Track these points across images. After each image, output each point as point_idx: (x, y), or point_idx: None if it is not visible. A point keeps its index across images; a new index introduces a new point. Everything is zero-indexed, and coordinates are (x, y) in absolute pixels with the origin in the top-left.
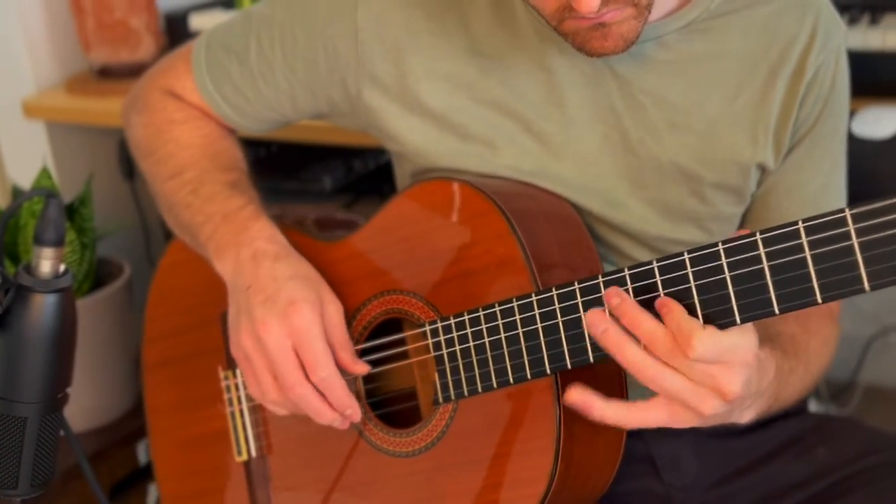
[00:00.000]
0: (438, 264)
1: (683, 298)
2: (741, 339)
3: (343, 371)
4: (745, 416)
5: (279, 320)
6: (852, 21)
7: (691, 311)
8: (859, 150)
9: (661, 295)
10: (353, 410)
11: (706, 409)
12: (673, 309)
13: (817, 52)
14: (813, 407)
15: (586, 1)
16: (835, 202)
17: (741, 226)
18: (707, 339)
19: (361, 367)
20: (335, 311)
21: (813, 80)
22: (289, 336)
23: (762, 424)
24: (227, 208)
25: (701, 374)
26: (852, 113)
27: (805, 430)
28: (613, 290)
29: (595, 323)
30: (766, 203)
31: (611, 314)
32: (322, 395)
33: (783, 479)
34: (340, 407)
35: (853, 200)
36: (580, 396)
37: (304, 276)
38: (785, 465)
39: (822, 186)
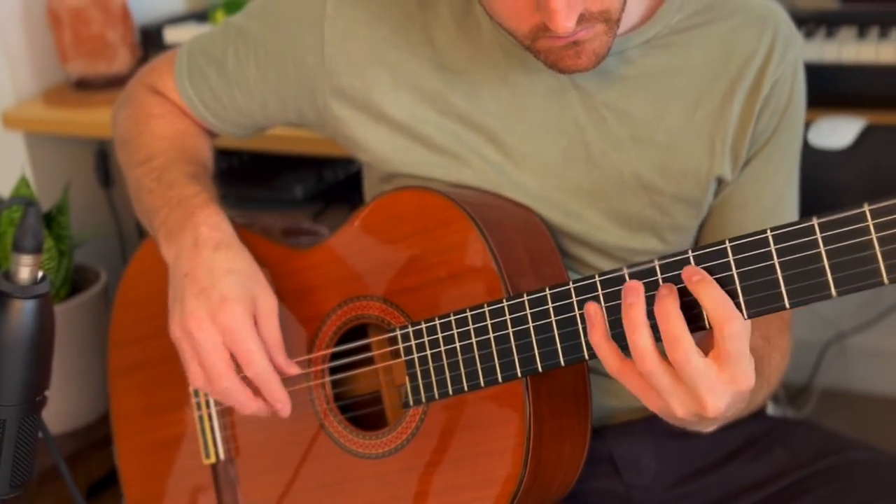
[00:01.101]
0: (409, 271)
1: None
2: (749, 367)
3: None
4: (710, 428)
5: (209, 317)
6: (809, 34)
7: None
8: (815, 159)
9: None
10: (284, 405)
11: (680, 412)
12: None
13: (775, 66)
14: (770, 410)
15: (562, 23)
16: (788, 215)
17: (698, 236)
18: (749, 369)
19: (293, 369)
20: (270, 309)
21: (770, 95)
22: (219, 333)
23: (721, 427)
24: (182, 194)
25: (697, 388)
26: (808, 124)
27: (763, 431)
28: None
29: (629, 292)
30: (722, 214)
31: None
32: (246, 388)
33: (741, 480)
34: (273, 400)
35: (810, 209)
36: (596, 311)
37: (240, 271)
38: (743, 466)
39: (777, 199)
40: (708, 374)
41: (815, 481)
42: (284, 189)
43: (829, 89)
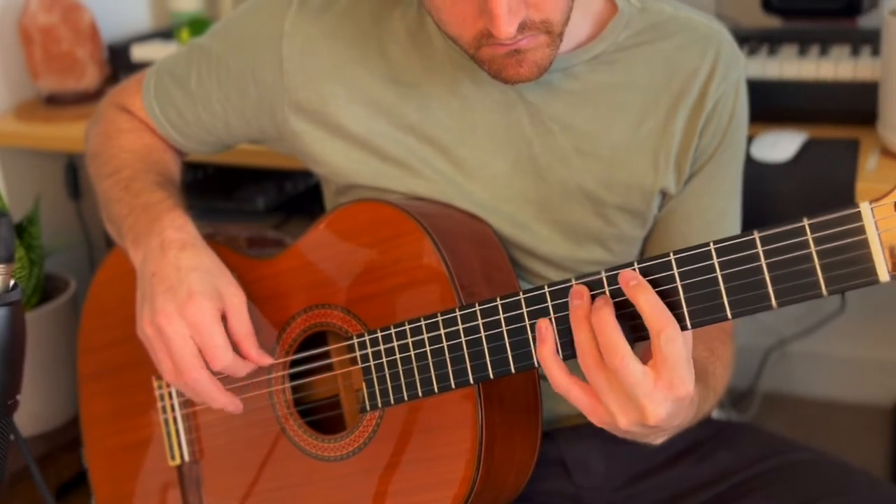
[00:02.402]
0: (366, 280)
1: None
2: (688, 375)
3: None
4: (658, 440)
5: (178, 311)
6: (752, 52)
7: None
8: (758, 172)
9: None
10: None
11: (624, 424)
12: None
13: (717, 84)
14: (715, 413)
15: (504, 27)
16: (731, 228)
17: (643, 248)
18: (687, 376)
19: (265, 359)
20: (238, 303)
21: (713, 112)
22: (187, 327)
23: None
24: (149, 201)
25: (634, 393)
26: (751, 138)
27: (707, 434)
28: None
29: (576, 294)
30: (667, 227)
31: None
32: (216, 381)
33: (687, 481)
34: (240, 381)
35: (754, 220)
36: (547, 328)
37: (206, 269)
38: (688, 468)
39: (720, 213)
40: (646, 381)
41: (758, 482)
42: (247, 201)
43: (771, 104)
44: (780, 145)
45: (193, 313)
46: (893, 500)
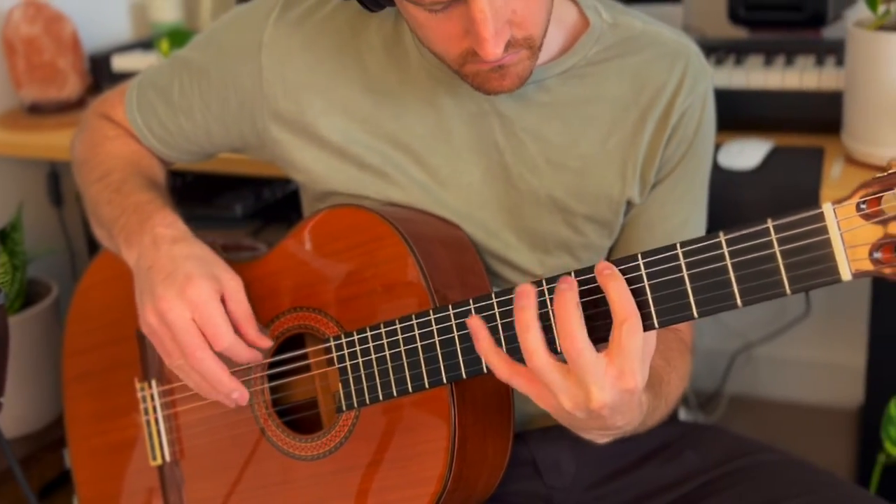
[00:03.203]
0: (343, 283)
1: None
2: (640, 371)
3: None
4: (602, 439)
5: (178, 295)
6: (719, 62)
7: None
8: (725, 179)
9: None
10: (256, 358)
11: (568, 405)
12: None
13: (684, 97)
14: (682, 415)
15: (491, 50)
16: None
17: (608, 256)
18: (639, 371)
19: (265, 341)
20: (235, 286)
21: (678, 124)
22: (188, 309)
23: (632, 434)
24: (139, 200)
25: (585, 381)
26: (718, 146)
27: (675, 436)
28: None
29: (521, 295)
30: (630, 234)
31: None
32: (222, 364)
33: (655, 481)
34: (245, 362)
35: (721, 226)
36: (476, 324)
37: (199, 257)
38: (656, 468)
39: (682, 223)
40: (597, 366)
41: (724, 482)
42: (225, 207)
43: (737, 113)
44: (747, 153)
45: (193, 294)
46: (857, 500)
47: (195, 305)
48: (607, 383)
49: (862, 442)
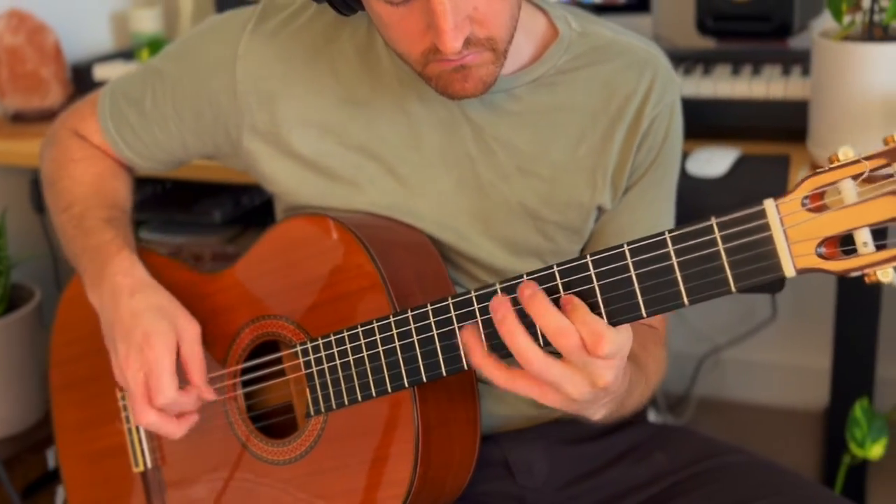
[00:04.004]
0: (308, 291)
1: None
2: (627, 338)
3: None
4: (598, 414)
5: (137, 355)
6: (687, 72)
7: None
8: (693, 187)
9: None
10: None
11: (576, 394)
12: (578, 307)
13: (652, 106)
14: (652, 417)
15: (450, 42)
16: None
17: None
18: (615, 338)
19: (209, 394)
20: (192, 333)
21: (648, 132)
22: (141, 368)
23: (607, 433)
24: (98, 241)
25: (589, 367)
26: (687, 154)
27: (645, 437)
28: (527, 283)
29: (497, 308)
30: (599, 240)
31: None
32: (166, 417)
33: (625, 482)
34: (185, 416)
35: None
36: (471, 337)
37: (157, 307)
38: (627, 469)
39: (651, 228)
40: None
41: (692, 483)
42: (204, 214)
43: (705, 122)
44: (715, 161)
45: (149, 352)
46: (822, 500)
47: (148, 363)
48: (605, 362)
49: (827, 443)
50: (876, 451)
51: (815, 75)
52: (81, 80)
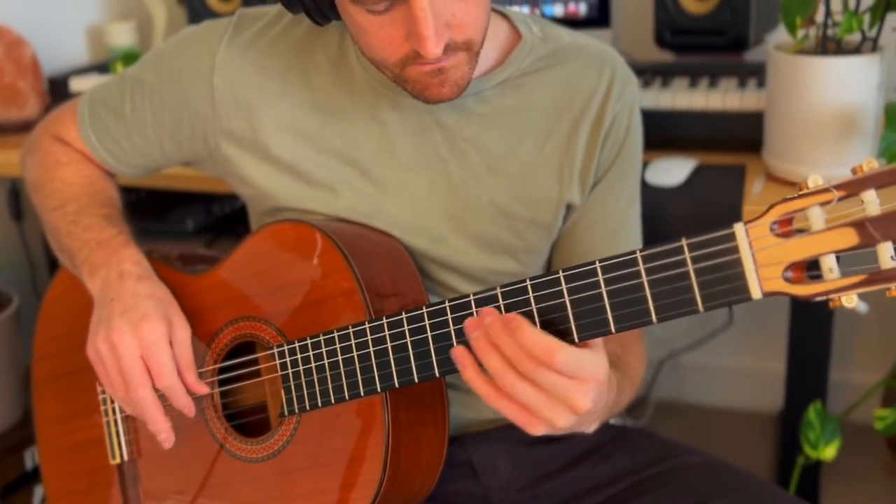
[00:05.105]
0: (287, 295)
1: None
2: (595, 358)
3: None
4: (592, 427)
5: (132, 330)
6: (646, 84)
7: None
8: (653, 196)
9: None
10: (190, 410)
11: (559, 422)
12: (521, 324)
13: (614, 102)
14: (612, 420)
15: (431, 48)
16: (631, 234)
17: (550, 257)
18: (570, 354)
19: (202, 388)
20: (184, 334)
21: (611, 127)
22: (139, 346)
23: (567, 435)
24: (102, 236)
25: (556, 389)
26: (646, 164)
27: (606, 439)
28: (487, 310)
29: (471, 329)
30: (571, 236)
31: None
32: (159, 403)
33: (586, 482)
34: (180, 406)
35: (648, 241)
36: (462, 353)
37: (159, 298)
38: (588, 470)
39: (620, 221)
40: (561, 379)
41: (652, 483)
42: (177, 222)
43: (664, 133)
44: (673, 171)
45: (146, 332)
46: (777, 499)
47: (146, 343)
48: (578, 387)
49: (782, 445)
50: (829, 452)
51: (770, 88)
52: (58, 92)
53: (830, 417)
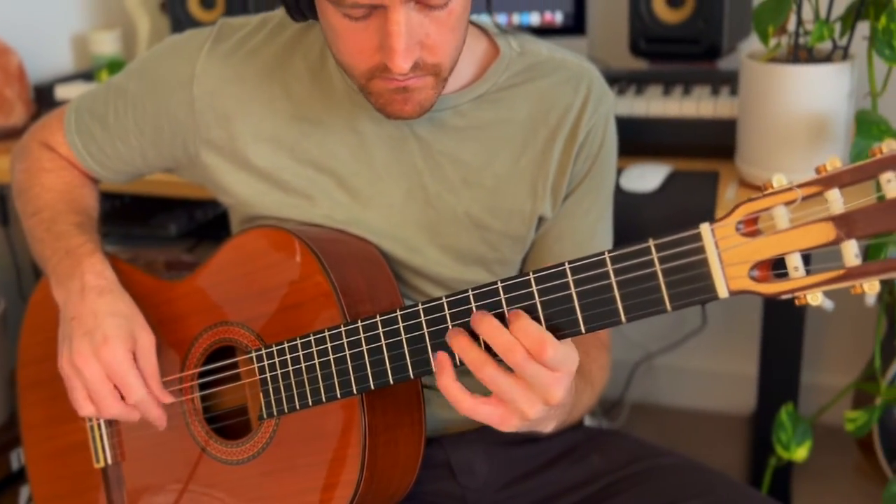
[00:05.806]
0: (264, 299)
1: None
2: (574, 352)
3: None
4: (549, 427)
5: (93, 354)
6: (621, 91)
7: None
8: (627, 201)
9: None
10: (161, 421)
11: (531, 413)
12: (520, 317)
13: (588, 117)
14: (588, 421)
15: (399, 62)
16: (600, 248)
17: (522, 267)
18: (559, 345)
19: (167, 397)
20: (148, 345)
21: (584, 141)
22: (102, 368)
23: (544, 436)
24: (70, 245)
25: (537, 380)
26: (621, 170)
27: (581, 440)
28: (479, 313)
29: (452, 336)
30: (541, 247)
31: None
32: (134, 412)
33: (562, 483)
34: (152, 419)
35: (622, 245)
36: (444, 359)
37: (121, 313)
38: (563, 471)
39: (590, 234)
40: (543, 371)
41: (626, 483)
42: (160, 227)
43: (638, 139)
44: (647, 177)
45: (107, 356)
46: (750, 500)
47: (108, 365)
48: (557, 379)
49: (754, 446)
50: (800, 453)
51: (742, 95)
52: (44, 100)
53: (802, 419)
